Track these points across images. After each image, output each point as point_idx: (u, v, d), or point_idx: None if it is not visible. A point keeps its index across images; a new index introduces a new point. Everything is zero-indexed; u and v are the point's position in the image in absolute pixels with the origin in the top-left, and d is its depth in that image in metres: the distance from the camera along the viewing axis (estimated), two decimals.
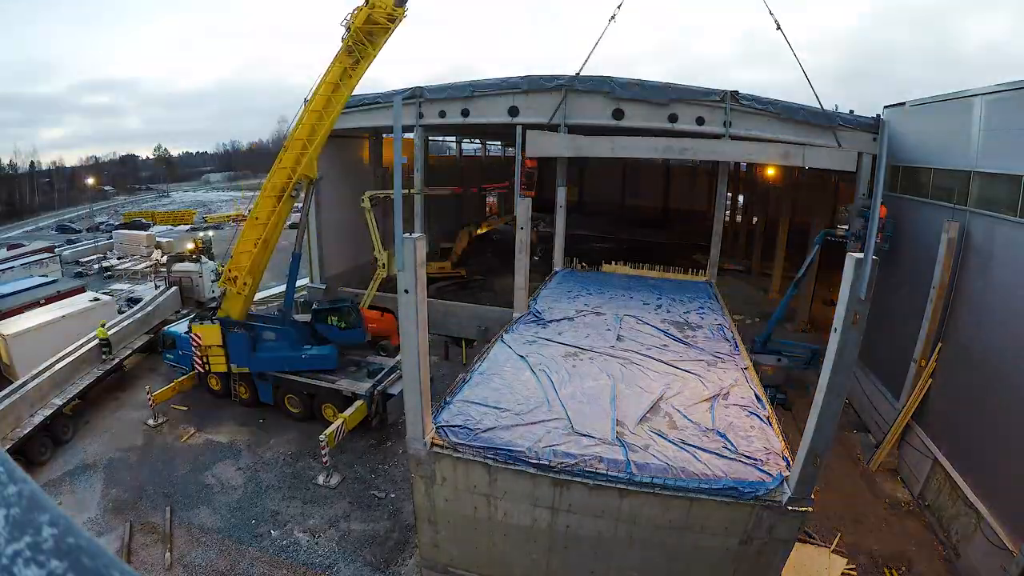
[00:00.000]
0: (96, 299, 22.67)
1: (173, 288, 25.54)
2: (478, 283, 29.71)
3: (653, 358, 12.74)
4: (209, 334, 16.34)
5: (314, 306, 19.39)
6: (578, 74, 20.17)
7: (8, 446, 13.37)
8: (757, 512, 8.21)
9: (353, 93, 16.63)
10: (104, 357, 18.45)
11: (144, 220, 57.03)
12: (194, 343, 16.84)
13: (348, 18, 14.87)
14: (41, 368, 16.33)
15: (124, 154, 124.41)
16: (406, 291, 8.52)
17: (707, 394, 10.97)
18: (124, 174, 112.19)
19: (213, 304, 16.92)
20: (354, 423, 15.33)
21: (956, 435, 13.35)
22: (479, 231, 33.69)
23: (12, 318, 20.44)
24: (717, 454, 8.96)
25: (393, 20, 14.90)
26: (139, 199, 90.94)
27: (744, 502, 8.21)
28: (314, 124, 15.80)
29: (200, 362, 17.00)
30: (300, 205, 17.58)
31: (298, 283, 19.29)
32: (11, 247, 39.25)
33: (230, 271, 16.43)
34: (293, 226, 21.68)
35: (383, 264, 20.85)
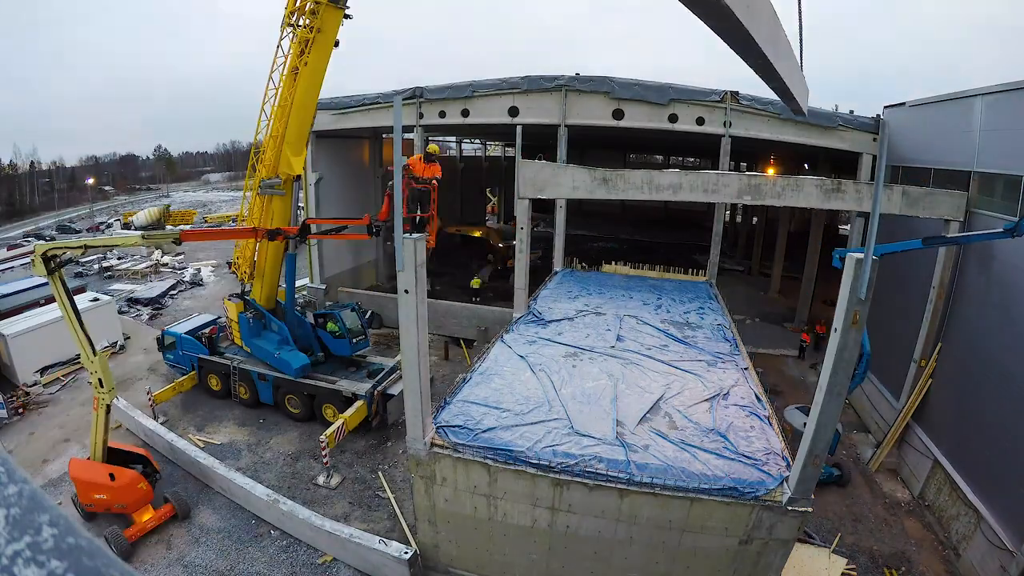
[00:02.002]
0: (96, 299, 22.67)
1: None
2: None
3: (653, 358, 12.75)
4: (232, 309, 17.95)
5: (315, 311, 19.41)
6: (578, 74, 20.19)
7: None
8: (757, 512, 8.22)
9: (337, 92, 15.82)
10: None
11: None
12: (226, 315, 18.86)
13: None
14: None
15: (124, 154, 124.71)
16: (406, 291, 8.52)
17: (707, 394, 10.97)
18: (124, 174, 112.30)
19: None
20: (354, 424, 15.32)
21: (956, 435, 13.35)
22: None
23: (12, 318, 20.45)
24: (717, 454, 8.96)
25: None
26: (139, 199, 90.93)
27: (744, 502, 8.21)
28: (284, 120, 14.65)
29: (228, 331, 19.04)
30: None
31: (298, 283, 19.32)
32: (11, 247, 39.29)
33: (236, 259, 17.55)
34: None
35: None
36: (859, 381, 14.21)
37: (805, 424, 16.02)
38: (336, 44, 13.91)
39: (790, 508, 8.08)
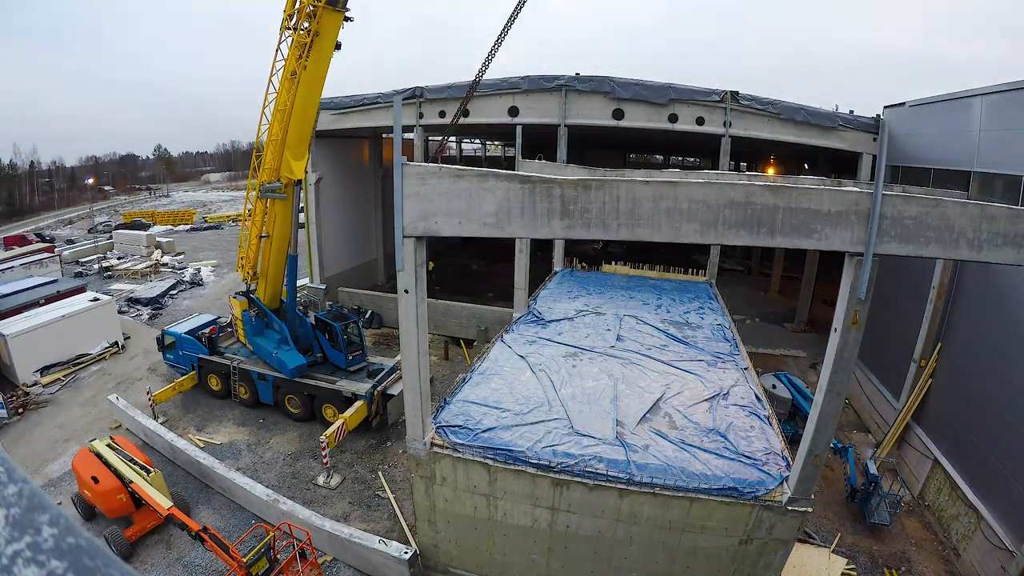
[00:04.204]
0: (96, 299, 22.67)
1: None
2: None
3: (653, 358, 12.75)
4: (237, 306, 18.05)
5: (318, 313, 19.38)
6: (578, 74, 20.19)
7: None
8: (757, 512, 8.22)
9: (336, 92, 15.30)
10: None
11: (144, 220, 57.05)
12: (231, 312, 19.03)
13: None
14: None
15: (124, 154, 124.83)
16: (406, 291, 8.52)
17: (707, 394, 10.98)
18: (124, 174, 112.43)
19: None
20: (354, 424, 15.33)
21: (956, 435, 13.35)
22: None
23: (12, 318, 20.45)
24: (717, 454, 8.97)
25: (335, 2, 12.93)
26: (139, 199, 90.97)
27: (744, 502, 8.21)
28: (283, 124, 14.40)
29: (231, 329, 19.44)
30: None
31: (298, 283, 19.32)
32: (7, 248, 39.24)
33: (240, 259, 17.56)
34: None
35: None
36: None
37: (774, 386, 16.33)
38: (338, 47, 13.69)
39: (790, 508, 8.08)
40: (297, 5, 13.14)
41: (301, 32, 13.27)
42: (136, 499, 11.79)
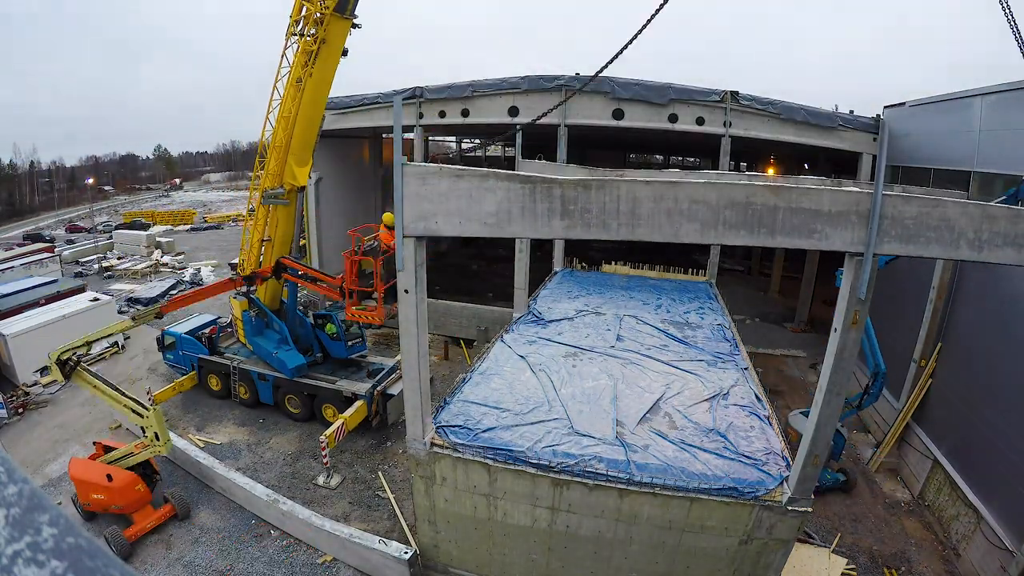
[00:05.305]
0: (96, 299, 22.67)
1: None
2: None
3: (653, 358, 12.75)
4: (237, 307, 17.79)
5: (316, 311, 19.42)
6: (578, 74, 20.18)
7: None
8: (757, 512, 8.22)
9: (334, 93, 14.96)
10: None
11: (144, 220, 57.06)
12: (231, 312, 18.75)
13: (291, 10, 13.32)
14: None
15: (124, 153, 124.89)
16: (406, 291, 8.52)
17: (707, 394, 10.98)
18: (124, 174, 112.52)
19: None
20: (354, 424, 15.32)
21: (956, 435, 13.35)
22: None
23: (12, 318, 20.46)
24: (717, 454, 8.97)
25: (343, 9, 12.88)
26: (139, 199, 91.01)
27: (744, 502, 8.21)
28: (288, 131, 14.41)
29: (231, 329, 19.24)
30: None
31: None
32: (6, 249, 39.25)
33: (242, 261, 17.36)
34: None
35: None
36: (874, 400, 13.98)
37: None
38: (345, 53, 13.70)
39: (790, 508, 8.09)
40: (304, 11, 13.07)
41: (308, 39, 13.21)
42: (147, 479, 12.29)
